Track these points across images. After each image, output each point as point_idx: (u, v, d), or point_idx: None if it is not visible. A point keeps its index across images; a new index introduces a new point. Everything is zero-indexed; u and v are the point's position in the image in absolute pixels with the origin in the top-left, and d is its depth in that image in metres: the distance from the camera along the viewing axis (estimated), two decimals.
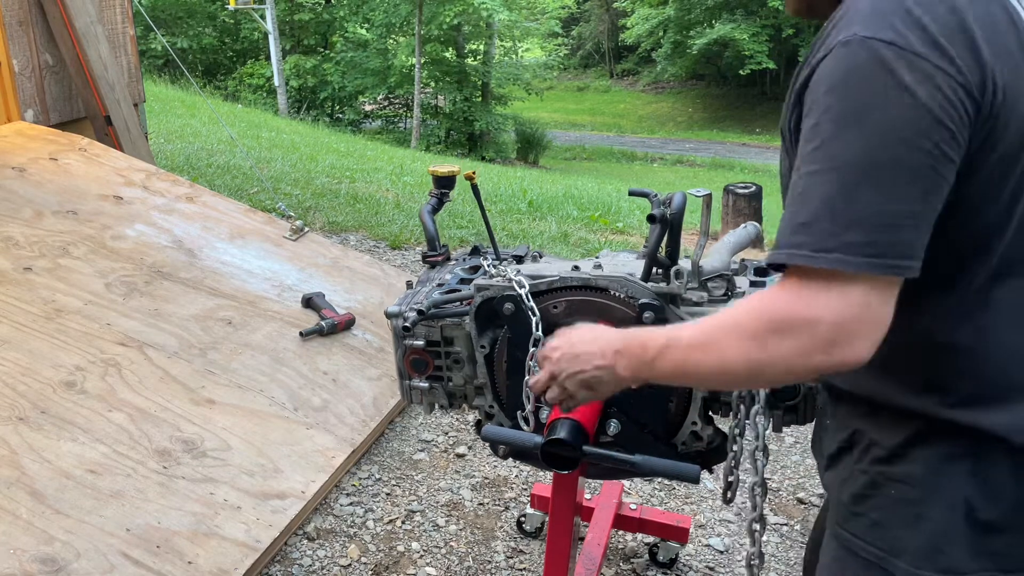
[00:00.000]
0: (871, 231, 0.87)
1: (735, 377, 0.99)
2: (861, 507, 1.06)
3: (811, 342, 0.90)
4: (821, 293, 0.89)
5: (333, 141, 11.74)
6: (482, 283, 1.57)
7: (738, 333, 0.95)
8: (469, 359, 1.62)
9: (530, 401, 1.53)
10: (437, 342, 1.64)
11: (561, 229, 6.02)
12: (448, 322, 1.62)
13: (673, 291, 1.43)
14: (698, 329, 1.01)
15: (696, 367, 1.00)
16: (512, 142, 24.15)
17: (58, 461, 2.25)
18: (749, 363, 0.94)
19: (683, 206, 1.46)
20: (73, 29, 4.12)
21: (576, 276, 1.50)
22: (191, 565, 2.07)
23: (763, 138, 25.80)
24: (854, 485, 1.07)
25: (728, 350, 0.95)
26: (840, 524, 1.09)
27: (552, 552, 1.72)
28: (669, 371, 1.04)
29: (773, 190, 10.38)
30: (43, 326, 2.73)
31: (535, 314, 1.49)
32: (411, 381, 1.69)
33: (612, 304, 1.47)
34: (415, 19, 20.82)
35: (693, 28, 26.37)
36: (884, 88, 0.86)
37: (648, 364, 1.05)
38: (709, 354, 0.97)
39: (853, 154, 0.87)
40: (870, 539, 1.04)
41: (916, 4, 0.89)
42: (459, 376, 1.66)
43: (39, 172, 3.60)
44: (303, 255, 3.72)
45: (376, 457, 2.88)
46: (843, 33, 0.90)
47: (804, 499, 2.79)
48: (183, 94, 12.88)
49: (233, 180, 6.14)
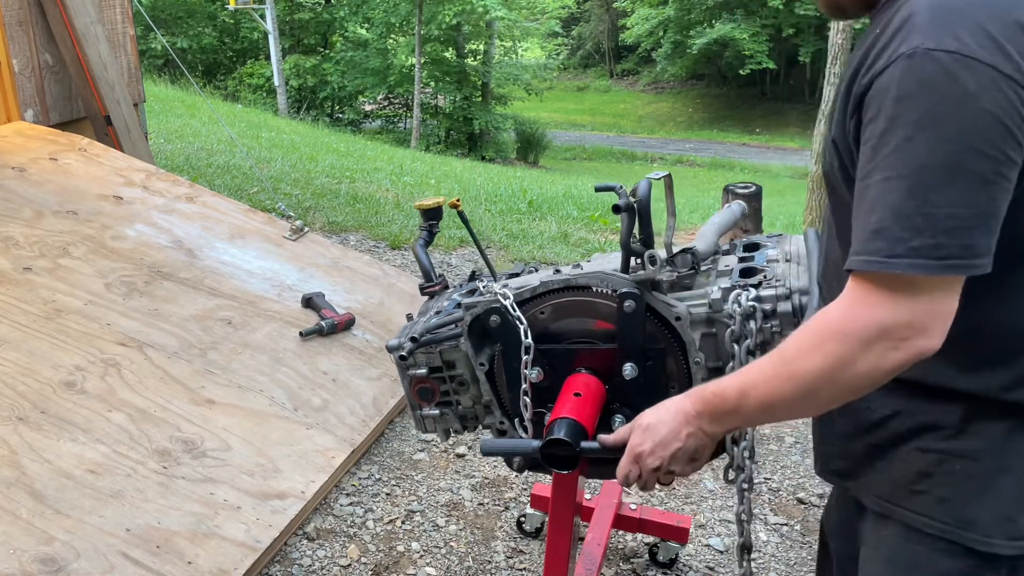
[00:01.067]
0: (943, 235, 0.91)
1: (819, 398, 1.02)
2: (922, 485, 1.09)
3: (889, 344, 0.95)
4: (896, 296, 0.94)
5: (333, 141, 11.74)
6: (470, 302, 1.58)
7: (814, 352, 0.99)
8: (472, 379, 1.63)
9: (528, 409, 1.53)
10: (439, 367, 1.65)
11: (561, 229, 6.02)
12: (446, 346, 1.63)
13: (650, 276, 1.43)
14: (771, 362, 1.04)
15: (783, 398, 1.03)
16: (512, 142, 24.16)
17: (58, 461, 2.25)
18: (833, 380, 0.98)
19: (648, 192, 1.46)
20: (73, 29, 4.12)
21: (556, 279, 1.51)
22: (191, 565, 2.07)
23: (763, 138, 25.82)
24: (910, 465, 1.10)
25: (808, 373, 0.99)
26: (897, 504, 1.12)
27: (552, 552, 1.72)
28: (756, 411, 1.07)
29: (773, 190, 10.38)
30: (43, 326, 2.73)
31: (522, 322, 1.49)
32: (422, 411, 1.70)
33: (596, 300, 1.48)
34: (415, 19, 20.82)
35: (693, 28, 26.37)
36: (950, 97, 0.90)
37: (732, 413, 1.09)
38: (793, 381, 1.01)
39: (922, 161, 0.91)
40: (937, 515, 1.08)
41: (977, 11, 0.92)
42: (467, 398, 1.67)
43: (39, 172, 3.60)
44: (303, 255, 3.72)
45: (376, 457, 2.88)
46: (906, 45, 0.93)
47: (804, 499, 2.79)
48: (183, 94, 12.88)
49: (233, 180, 6.14)
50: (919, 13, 0.94)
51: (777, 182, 17.95)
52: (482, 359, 1.58)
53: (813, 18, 22.78)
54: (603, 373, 1.49)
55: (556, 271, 1.56)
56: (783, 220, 9.81)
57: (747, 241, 1.64)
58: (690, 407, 1.14)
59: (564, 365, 1.51)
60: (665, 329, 1.44)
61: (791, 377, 1.01)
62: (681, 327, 1.42)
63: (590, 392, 1.46)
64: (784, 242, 1.59)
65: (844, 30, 5.65)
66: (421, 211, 1.97)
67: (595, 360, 1.49)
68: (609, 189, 1.51)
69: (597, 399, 1.46)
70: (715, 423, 1.12)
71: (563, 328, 1.51)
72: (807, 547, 2.55)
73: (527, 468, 1.66)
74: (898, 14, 0.97)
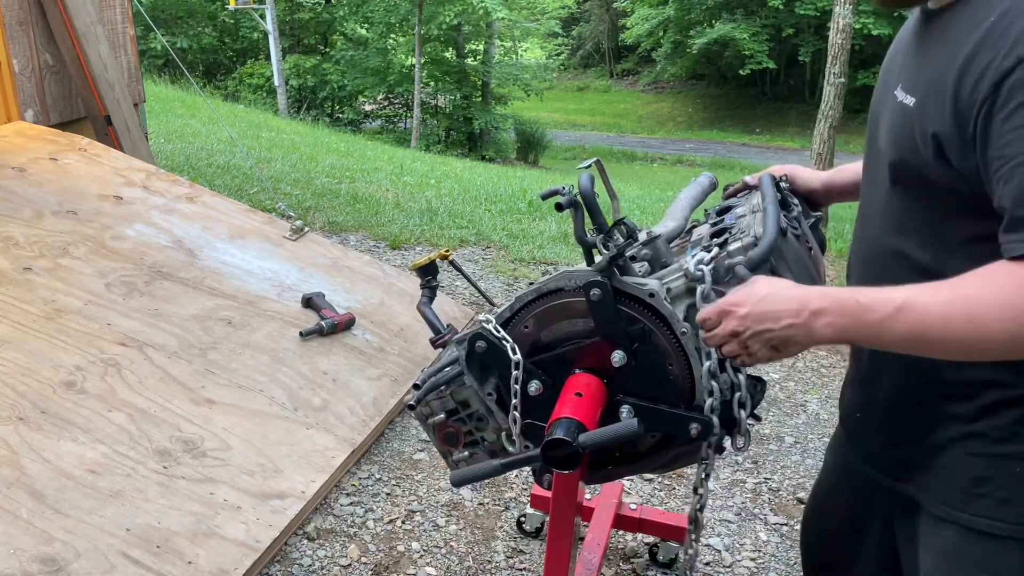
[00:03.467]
0: None
1: (989, 348, 1.01)
2: (983, 488, 1.14)
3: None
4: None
5: (333, 141, 11.74)
6: (459, 337, 1.59)
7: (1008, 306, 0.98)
8: (488, 412, 1.64)
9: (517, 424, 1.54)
10: (455, 409, 1.65)
11: (561, 229, 6.02)
12: (454, 387, 1.63)
13: (603, 263, 1.43)
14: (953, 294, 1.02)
15: (948, 332, 1.01)
16: (512, 142, 24.14)
17: (58, 461, 2.25)
18: (1012, 337, 0.98)
19: (589, 183, 1.46)
20: (73, 29, 4.12)
21: (529, 290, 1.52)
22: (191, 565, 2.07)
23: (763, 138, 25.80)
24: (968, 470, 1.15)
25: (993, 321, 0.98)
26: (957, 508, 1.16)
27: (552, 552, 1.72)
28: (903, 333, 1.04)
29: None
30: (43, 326, 2.73)
31: (507, 340, 1.50)
32: (452, 456, 1.71)
33: (571, 300, 1.48)
34: (414, 18, 20.82)
35: (693, 28, 26.35)
36: None
37: (871, 325, 1.05)
38: (973, 323, 0.99)
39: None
40: (1000, 516, 1.13)
41: None
42: (490, 432, 1.67)
43: (39, 172, 3.60)
44: (303, 255, 3.72)
45: (376, 457, 2.88)
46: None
47: (804, 499, 2.79)
48: (183, 94, 12.88)
49: (233, 180, 6.14)
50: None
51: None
52: (488, 389, 1.59)
53: (813, 18, 22.77)
54: (598, 369, 1.49)
55: (530, 283, 1.57)
56: None
57: (719, 207, 1.64)
58: (815, 301, 1.09)
59: (560, 372, 1.51)
60: (643, 308, 1.44)
61: (974, 322, 0.99)
62: (657, 302, 1.41)
63: (585, 389, 1.46)
64: (752, 196, 1.59)
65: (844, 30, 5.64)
66: (417, 271, 1.99)
67: (587, 358, 1.49)
68: (554, 194, 1.51)
69: (594, 395, 1.46)
70: (834, 328, 1.08)
71: (551, 336, 1.52)
72: None
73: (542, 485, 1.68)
74: (1004, 11, 1.00)
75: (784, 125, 26.50)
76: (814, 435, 3.22)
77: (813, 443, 3.17)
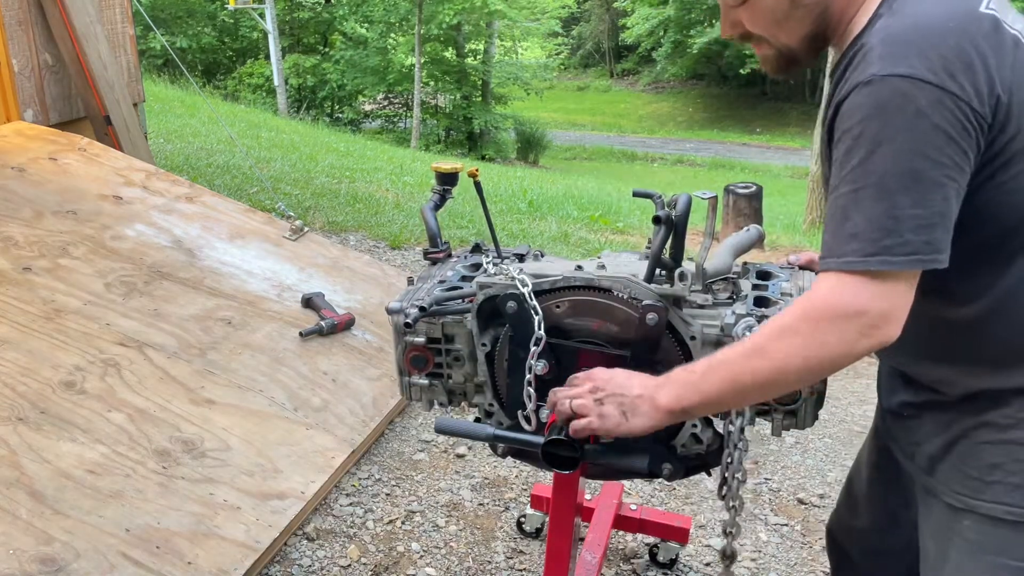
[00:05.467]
0: (907, 233, 1.04)
1: (788, 376, 1.12)
2: (995, 475, 1.18)
3: (859, 330, 1.06)
4: (867, 288, 1.06)
5: (333, 141, 11.74)
6: (485, 281, 1.56)
7: (792, 334, 1.09)
8: (470, 357, 1.62)
9: (531, 400, 1.52)
10: (438, 339, 1.63)
11: (561, 229, 6.02)
12: (449, 319, 1.61)
13: (677, 293, 1.42)
14: (743, 344, 1.15)
15: (752, 374, 1.12)
16: (512, 142, 24.13)
17: (58, 461, 2.25)
18: (806, 359, 1.08)
19: (688, 208, 1.45)
20: (73, 29, 4.11)
21: (579, 276, 1.49)
22: (191, 565, 2.07)
23: (763, 138, 25.80)
24: (980, 459, 1.19)
25: (782, 351, 1.09)
26: (972, 497, 1.20)
27: (552, 552, 1.72)
28: (717, 386, 1.15)
29: (773, 190, 10.39)
30: (43, 326, 2.72)
31: (538, 313, 1.48)
32: (411, 378, 1.69)
33: (615, 305, 1.46)
34: (414, 18, 20.81)
35: (693, 27, 26.35)
36: (905, 115, 1.03)
37: (694, 385, 1.17)
38: (766, 359, 1.10)
39: (885, 171, 1.04)
40: (1015, 501, 1.17)
41: (924, 40, 1.04)
42: (459, 374, 1.66)
43: (39, 172, 3.60)
44: (303, 255, 3.72)
45: (376, 457, 2.88)
46: (864, 74, 1.06)
47: (804, 499, 2.79)
48: (183, 94, 12.87)
49: (233, 180, 6.14)
50: (874, 47, 1.07)
51: (777, 182, 17.95)
52: (485, 339, 1.57)
53: None
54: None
55: (578, 267, 1.55)
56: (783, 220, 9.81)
57: (760, 269, 1.66)
58: (658, 380, 1.22)
59: (569, 362, 1.50)
60: (677, 345, 1.44)
61: (764, 355, 1.10)
62: (695, 346, 1.42)
63: None
64: (797, 277, 1.61)
65: None
66: (437, 174, 1.90)
67: (602, 363, 1.48)
68: (647, 196, 1.50)
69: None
70: (670, 396, 1.19)
71: (575, 325, 1.50)
72: (807, 547, 2.55)
73: (512, 455, 1.65)
74: (860, 51, 1.10)
75: (785, 125, 26.50)
76: (814, 435, 3.22)
77: (813, 444, 3.17)
